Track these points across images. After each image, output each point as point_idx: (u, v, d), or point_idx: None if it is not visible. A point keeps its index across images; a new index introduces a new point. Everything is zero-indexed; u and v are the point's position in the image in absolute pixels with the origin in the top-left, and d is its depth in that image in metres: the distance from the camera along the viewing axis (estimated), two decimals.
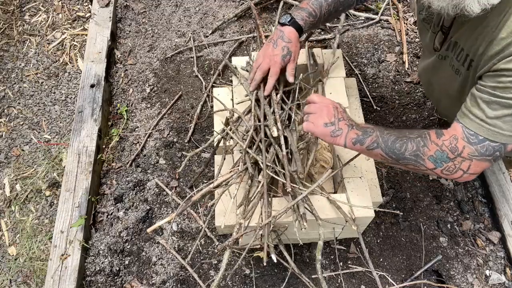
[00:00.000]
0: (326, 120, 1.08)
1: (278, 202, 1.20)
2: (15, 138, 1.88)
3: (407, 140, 1.01)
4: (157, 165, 1.67)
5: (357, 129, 1.07)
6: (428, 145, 0.99)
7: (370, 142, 1.05)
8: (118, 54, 1.99)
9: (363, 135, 1.06)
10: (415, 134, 1.02)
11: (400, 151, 1.01)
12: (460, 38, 1.08)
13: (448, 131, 0.99)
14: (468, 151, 0.95)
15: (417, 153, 1.00)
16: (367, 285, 1.40)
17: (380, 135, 1.05)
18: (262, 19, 2.09)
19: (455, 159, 0.97)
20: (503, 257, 1.46)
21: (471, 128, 0.95)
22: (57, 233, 1.48)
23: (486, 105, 0.93)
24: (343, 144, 1.08)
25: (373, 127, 1.08)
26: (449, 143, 0.97)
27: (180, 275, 1.43)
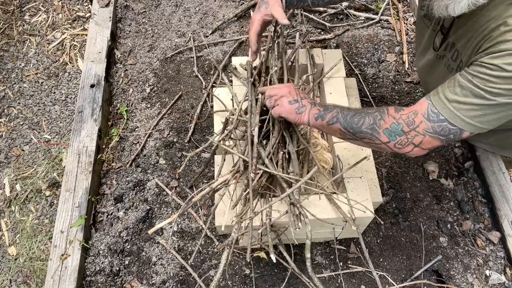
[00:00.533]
0: (290, 98, 1.12)
1: (277, 202, 1.20)
2: (15, 138, 1.88)
3: (365, 115, 1.05)
4: (157, 165, 1.67)
5: (319, 106, 1.12)
6: (385, 118, 1.02)
7: (330, 117, 1.09)
8: (118, 54, 1.99)
9: (325, 111, 1.10)
10: (373, 110, 1.06)
11: (358, 124, 1.05)
12: (458, 40, 1.10)
13: (409, 107, 1.02)
14: (424, 126, 0.98)
15: (373, 126, 1.03)
16: (367, 285, 1.40)
17: (341, 111, 1.09)
18: None
19: (409, 132, 0.99)
20: (503, 257, 1.46)
21: (437, 107, 0.97)
22: (57, 233, 1.48)
23: (460, 89, 0.94)
24: (307, 121, 1.12)
25: (334, 104, 1.13)
26: (406, 117, 0.99)
27: (180, 275, 1.43)
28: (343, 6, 2.05)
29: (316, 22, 2.05)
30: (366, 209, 1.19)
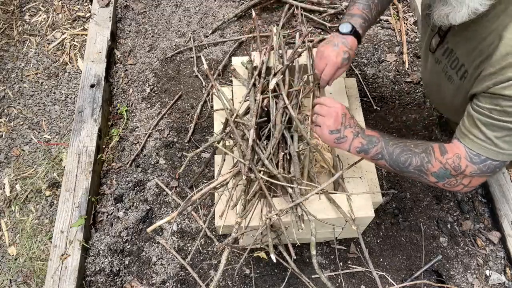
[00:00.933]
0: (332, 127, 1.10)
1: (278, 202, 1.20)
2: (15, 138, 1.88)
3: (412, 155, 1.04)
4: (157, 165, 1.67)
5: (362, 137, 1.09)
6: (432, 162, 1.02)
7: (374, 153, 1.08)
8: (118, 54, 1.99)
9: (368, 144, 1.08)
10: (420, 149, 1.04)
11: (405, 165, 1.05)
12: (457, 46, 1.09)
13: (451, 149, 1.01)
14: (470, 169, 0.99)
15: (421, 169, 1.03)
16: (367, 285, 1.40)
17: (385, 147, 1.07)
18: (262, 19, 2.09)
19: (457, 176, 1.01)
20: (503, 257, 1.46)
21: (473, 149, 0.98)
22: (57, 233, 1.48)
23: (485, 127, 0.95)
24: (347, 150, 1.11)
25: (378, 136, 1.09)
26: (452, 161, 1.00)
27: (180, 275, 1.43)
28: (343, 6, 2.05)
29: (316, 22, 2.05)
30: (366, 209, 1.19)
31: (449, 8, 0.92)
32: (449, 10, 0.92)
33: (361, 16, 1.24)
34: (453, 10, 0.91)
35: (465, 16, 0.91)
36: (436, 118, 1.74)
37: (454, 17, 0.92)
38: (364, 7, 1.25)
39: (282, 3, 2.10)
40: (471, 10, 0.89)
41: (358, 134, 1.10)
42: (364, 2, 1.26)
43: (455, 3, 0.90)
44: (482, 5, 0.88)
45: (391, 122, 1.74)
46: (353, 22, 1.23)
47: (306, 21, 2.07)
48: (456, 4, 0.90)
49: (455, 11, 0.91)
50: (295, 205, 1.12)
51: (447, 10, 0.92)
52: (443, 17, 0.95)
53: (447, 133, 1.69)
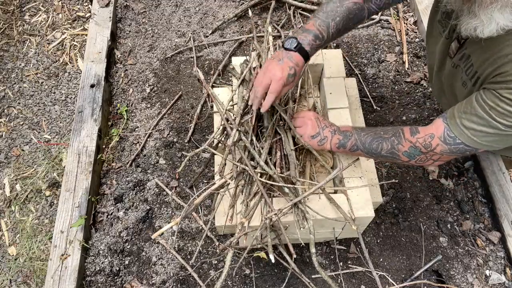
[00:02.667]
0: (311, 133, 1.21)
1: (277, 202, 1.20)
2: (15, 138, 1.88)
3: (382, 140, 1.13)
4: (157, 165, 1.67)
5: (338, 133, 1.19)
6: (402, 142, 1.10)
7: (350, 145, 1.18)
8: (118, 54, 1.99)
9: (344, 139, 1.18)
10: (389, 134, 1.13)
11: (377, 150, 1.14)
12: (473, 53, 1.09)
13: (425, 129, 1.08)
14: (440, 148, 1.05)
15: (392, 151, 1.12)
16: (367, 285, 1.40)
17: (358, 138, 1.17)
18: (262, 19, 2.09)
19: (427, 153, 1.08)
20: (503, 257, 1.46)
21: (454, 131, 1.03)
22: (57, 233, 1.48)
23: (477, 118, 0.99)
24: (329, 148, 1.22)
25: (351, 129, 1.20)
26: (423, 140, 1.07)
27: (180, 275, 1.43)
28: None
29: None
30: (366, 209, 1.19)
31: (478, 21, 0.91)
32: (477, 23, 0.91)
33: (314, 34, 1.16)
34: (482, 24, 0.90)
35: (493, 31, 0.90)
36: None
37: (482, 31, 0.92)
38: (320, 23, 1.17)
39: (282, 3, 2.10)
40: (500, 27, 0.89)
41: (335, 131, 1.20)
42: (323, 18, 1.17)
43: (484, 18, 0.89)
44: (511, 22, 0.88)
45: (391, 122, 1.74)
46: (301, 38, 1.15)
47: (306, 21, 2.07)
48: (485, 19, 0.89)
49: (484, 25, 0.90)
50: (293, 203, 1.12)
51: (475, 24, 0.91)
52: (470, 29, 0.94)
53: None
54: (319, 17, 1.18)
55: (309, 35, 1.16)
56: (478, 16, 0.90)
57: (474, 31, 0.93)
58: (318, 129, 1.20)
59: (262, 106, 1.14)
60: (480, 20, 0.90)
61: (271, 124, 1.24)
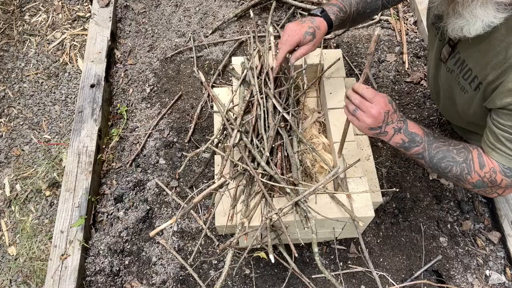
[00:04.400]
0: (372, 125, 1.03)
1: (277, 202, 1.20)
2: (15, 138, 1.88)
3: (453, 164, 1.06)
4: (157, 165, 1.67)
5: (405, 133, 1.07)
6: (471, 174, 1.05)
7: (415, 152, 1.08)
8: (118, 54, 1.99)
9: (410, 143, 1.07)
10: (461, 157, 1.06)
11: (444, 171, 1.07)
12: (469, 58, 1.09)
13: (487, 162, 1.04)
14: (505, 183, 1.02)
15: (459, 178, 1.07)
16: (367, 285, 1.40)
17: (428, 149, 1.07)
18: (262, 19, 2.09)
19: (493, 187, 1.05)
20: (503, 257, 1.46)
21: (504, 163, 1.01)
22: (57, 233, 1.48)
23: (510, 143, 0.98)
24: (387, 141, 1.09)
25: (422, 135, 1.07)
26: (489, 175, 1.03)
27: (180, 275, 1.43)
28: None
29: None
30: (366, 209, 1.19)
31: (463, 21, 0.91)
32: (463, 23, 0.92)
33: (338, 6, 1.25)
34: (467, 23, 0.91)
35: (480, 30, 0.90)
36: (436, 118, 1.74)
37: (469, 30, 0.92)
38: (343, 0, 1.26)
39: (282, 3, 2.10)
40: (486, 24, 0.89)
41: (400, 130, 1.06)
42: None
43: (469, 17, 0.89)
44: (496, 18, 0.88)
45: None
46: (327, 8, 1.24)
47: None
48: (470, 18, 0.89)
49: (469, 24, 0.91)
50: (294, 203, 1.12)
51: (461, 24, 0.92)
52: (457, 30, 0.94)
53: (447, 133, 1.69)
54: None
55: (334, 6, 1.25)
56: (463, 16, 0.90)
57: (461, 31, 0.94)
58: (381, 124, 1.04)
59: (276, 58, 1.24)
60: (465, 20, 0.90)
61: (272, 124, 1.23)
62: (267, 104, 1.28)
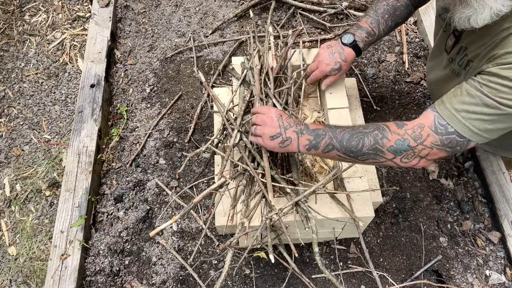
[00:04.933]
0: (271, 133, 1.06)
1: (277, 202, 1.20)
2: (15, 138, 1.88)
3: (362, 136, 1.01)
4: (157, 165, 1.67)
5: (307, 133, 1.06)
6: (387, 136, 1.00)
7: (324, 146, 1.04)
8: (118, 54, 1.99)
9: (316, 139, 1.05)
10: (370, 128, 1.02)
11: (357, 148, 1.01)
12: (470, 44, 1.08)
13: (413, 121, 1.00)
14: (431, 139, 0.97)
15: (375, 147, 1.00)
16: (367, 285, 1.40)
17: (333, 136, 1.04)
18: (262, 19, 2.09)
19: (416, 147, 0.98)
20: (503, 257, 1.46)
21: (445, 117, 0.95)
22: (57, 233, 1.48)
23: (469, 98, 0.93)
24: (296, 151, 1.07)
25: (324, 127, 1.07)
26: (412, 131, 0.98)
27: (180, 275, 1.43)
28: (343, 6, 2.05)
29: (316, 22, 2.05)
30: (366, 209, 1.19)
31: (471, 10, 0.89)
32: (470, 12, 0.90)
33: (366, 31, 1.30)
34: (475, 12, 0.89)
35: (487, 19, 0.89)
36: None
37: (476, 20, 0.90)
38: (372, 21, 1.31)
39: (282, 3, 2.10)
40: (494, 12, 0.87)
41: (302, 131, 1.06)
42: (373, 16, 1.31)
43: (476, 5, 0.87)
44: (505, 6, 0.86)
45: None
46: (357, 34, 1.30)
47: (306, 21, 2.07)
48: (478, 6, 0.87)
49: (477, 13, 0.89)
50: (294, 203, 1.12)
51: (468, 13, 0.90)
52: (464, 20, 0.92)
53: None
54: (370, 15, 1.32)
55: (363, 32, 1.31)
56: (470, 5, 0.89)
57: (468, 22, 0.92)
58: (279, 129, 1.06)
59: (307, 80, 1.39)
60: (473, 9, 0.89)
61: None
62: (267, 104, 1.28)
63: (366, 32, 1.31)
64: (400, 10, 1.32)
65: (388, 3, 1.32)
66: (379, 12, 1.31)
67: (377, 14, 1.31)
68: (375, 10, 1.32)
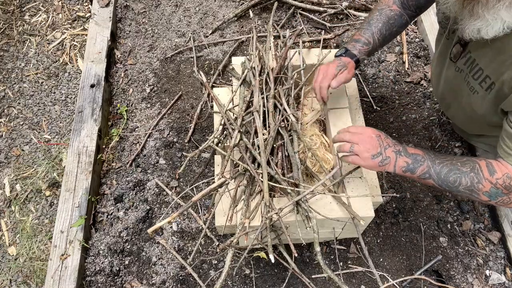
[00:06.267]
0: (372, 152, 1.06)
1: (277, 202, 1.20)
2: (15, 138, 1.88)
3: (460, 175, 1.03)
4: (157, 165, 1.67)
5: (406, 156, 1.07)
6: (482, 182, 1.02)
7: (421, 172, 1.06)
8: (118, 54, 1.99)
9: (414, 163, 1.06)
10: (467, 167, 1.04)
11: (454, 185, 1.04)
12: (481, 58, 1.07)
13: (499, 168, 1.02)
14: None
15: (471, 189, 1.03)
16: (367, 285, 1.40)
17: (432, 165, 1.05)
18: (262, 19, 2.09)
19: (509, 194, 1.02)
20: (503, 257, 1.46)
21: None
22: (57, 233, 1.48)
23: None
24: (392, 171, 1.08)
25: (423, 153, 1.07)
26: (502, 181, 1.00)
27: (180, 275, 1.43)
28: (343, 6, 2.05)
29: (316, 22, 2.05)
30: (366, 209, 1.19)
31: (482, 23, 0.89)
32: (481, 24, 0.89)
33: (361, 41, 1.30)
34: (486, 25, 0.88)
35: (499, 31, 0.88)
36: (436, 118, 1.74)
37: (487, 32, 0.89)
38: (365, 31, 1.31)
39: (282, 3, 2.10)
40: (507, 25, 0.87)
41: (400, 152, 1.07)
42: (366, 27, 1.31)
43: (490, 18, 0.87)
44: None
45: (391, 122, 1.74)
46: (349, 46, 1.30)
47: (306, 21, 2.07)
48: (491, 19, 0.87)
49: (488, 26, 0.88)
50: (294, 203, 1.12)
51: (479, 25, 0.90)
52: (473, 31, 0.92)
53: (447, 133, 1.69)
54: (363, 27, 1.32)
55: (357, 43, 1.30)
56: (482, 17, 0.88)
57: (477, 33, 0.91)
58: (379, 148, 1.06)
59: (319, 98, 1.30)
60: (484, 21, 0.88)
61: (273, 124, 1.23)
62: (268, 104, 1.28)
63: (360, 42, 1.29)
64: (394, 19, 1.31)
65: (381, 13, 1.32)
66: (372, 23, 1.31)
67: (370, 25, 1.31)
68: (368, 21, 1.33)
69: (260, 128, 1.22)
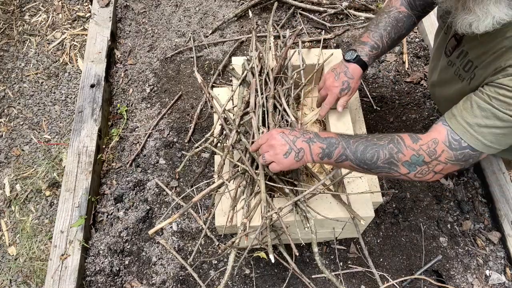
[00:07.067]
0: (282, 151, 1.02)
1: (277, 202, 1.20)
2: (15, 138, 1.88)
3: (378, 148, 1.00)
4: (157, 165, 1.67)
5: (319, 141, 1.03)
6: (402, 150, 0.99)
7: (337, 155, 1.02)
8: (118, 54, 1.99)
9: (329, 147, 1.03)
10: (385, 141, 1.01)
11: (372, 160, 1.00)
12: (471, 49, 1.08)
13: (427, 135, 0.99)
14: (446, 155, 0.97)
15: (390, 161, 0.99)
16: (367, 285, 1.40)
17: (347, 146, 1.02)
18: (262, 19, 2.09)
19: (431, 162, 0.98)
20: (503, 257, 1.46)
21: (457, 132, 0.96)
22: (57, 233, 1.48)
23: (480, 111, 0.93)
24: (310, 161, 1.04)
25: (335, 136, 1.04)
26: (427, 147, 0.97)
27: (180, 275, 1.43)
28: (343, 6, 2.05)
29: (316, 22, 2.05)
30: (366, 209, 1.19)
31: (473, 17, 0.89)
32: (472, 19, 0.90)
33: (370, 44, 1.28)
34: (477, 19, 0.89)
35: (489, 26, 0.88)
36: (436, 118, 1.74)
37: (478, 27, 0.90)
38: (374, 34, 1.28)
39: (282, 3, 2.10)
40: (496, 21, 0.87)
41: (312, 140, 1.03)
42: (375, 29, 1.29)
43: (480, 13, 0.87)
44: (508, 15, 0.86)
45: (391, 122, 1.74)
46: (359, 49, 1.27)
47: (306, 21, 2.07)
48: (481, 13, 0.87)
49: (480, 20, 0.89)
50: (293, 203, 1.12)
51: (471, 19, 0.90)
52: (465, 25, 0.92)
53: None
54: (372, 29, 1.30)
55: (366, 46, 1.28)
56: (473, 12, 0.88)
57: (469, 27, 0.92)
58: (287, 145, 1.02)
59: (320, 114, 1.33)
60: (475, 15, 0.88)
61: (272, 125, 1.23)
62: (267, 104, 1.28)
63: (369, 46, 1.27)
64: (402, 21, 1.29)
65: (389, 15, 1.29)
66: (380, 25, 1.29)
67: (378, 28, 1.29)
68: (376, 23, 1.30)
69: (257, 128, 1.22)
